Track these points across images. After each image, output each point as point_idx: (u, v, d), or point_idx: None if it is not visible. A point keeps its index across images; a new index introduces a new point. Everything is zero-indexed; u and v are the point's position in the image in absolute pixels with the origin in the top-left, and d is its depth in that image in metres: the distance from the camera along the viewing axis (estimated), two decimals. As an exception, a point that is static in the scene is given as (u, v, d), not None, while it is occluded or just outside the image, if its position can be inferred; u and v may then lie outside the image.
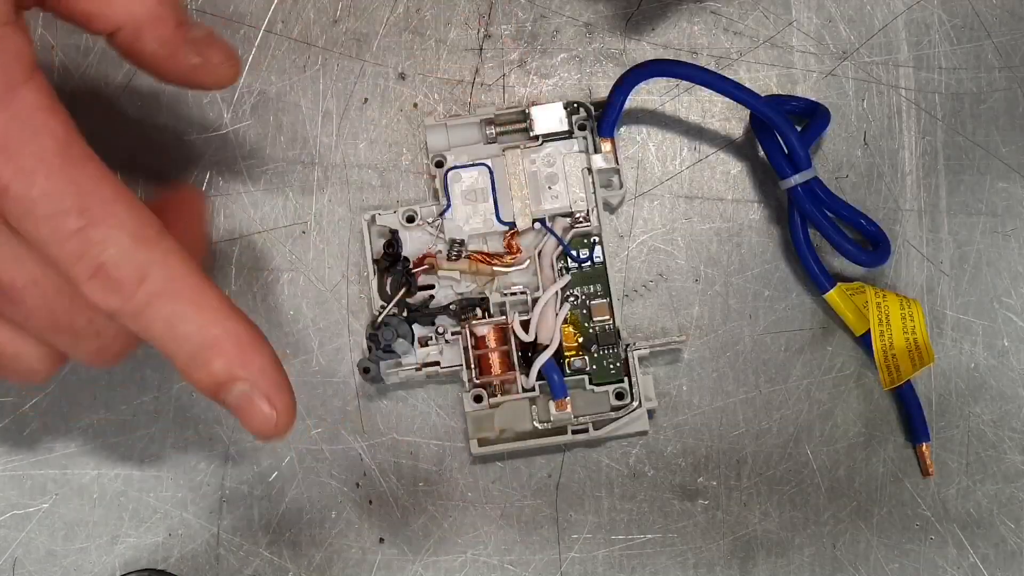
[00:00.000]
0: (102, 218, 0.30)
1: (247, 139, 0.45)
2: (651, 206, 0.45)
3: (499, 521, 0.43)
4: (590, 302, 0.43)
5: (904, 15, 0.46)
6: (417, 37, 0.46)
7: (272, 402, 0.32)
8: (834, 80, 0.45)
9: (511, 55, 0.46)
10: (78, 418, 0.43)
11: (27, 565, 0.42)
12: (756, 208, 0.45)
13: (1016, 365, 0.44)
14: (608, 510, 0.43)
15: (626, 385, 0.42)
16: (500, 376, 0.41)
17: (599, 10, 0.46)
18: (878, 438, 0.43)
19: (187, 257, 0.31)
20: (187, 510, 0.43)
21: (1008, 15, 0.46)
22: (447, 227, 0.43)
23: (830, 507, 0.43)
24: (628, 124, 0.45)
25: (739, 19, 0.46)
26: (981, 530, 0.42)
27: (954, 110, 0.45)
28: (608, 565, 0.42)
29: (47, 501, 0.43)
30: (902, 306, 0.42)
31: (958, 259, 0.44)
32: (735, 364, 0.44)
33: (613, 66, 0.45)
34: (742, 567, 0.42)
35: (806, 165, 0.42)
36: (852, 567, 0.42)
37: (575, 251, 0.43)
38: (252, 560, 0.42)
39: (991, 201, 0.45)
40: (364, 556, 0.42)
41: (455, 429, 0.43)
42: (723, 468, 0.43)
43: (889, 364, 0.42)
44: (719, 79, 0.42)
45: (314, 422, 0.43)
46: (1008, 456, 0.43)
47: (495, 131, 0.43)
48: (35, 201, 0.29)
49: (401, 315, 0.42)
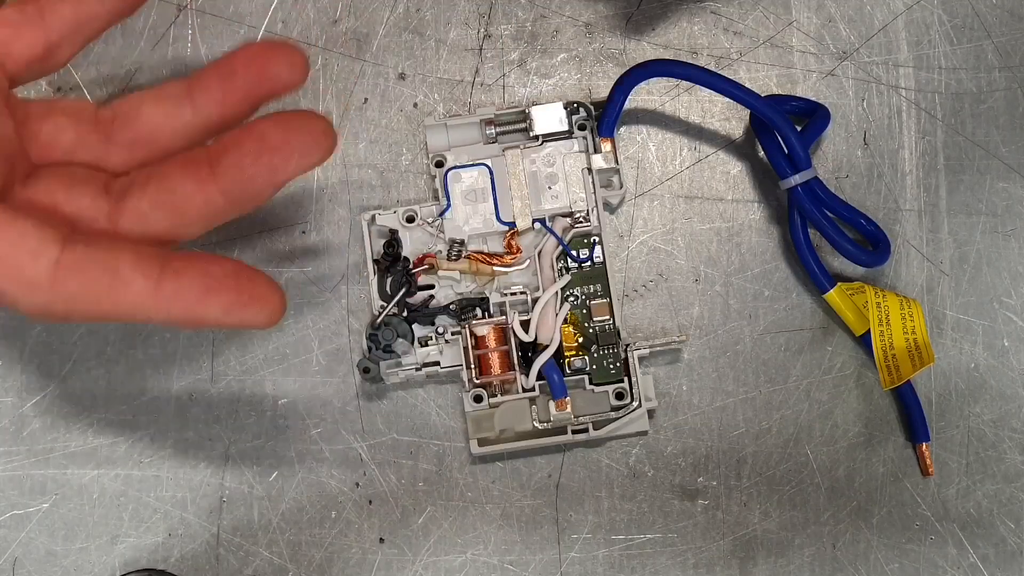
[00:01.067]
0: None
1: (247, 139, 0.45)
2: (651, 206, 0.45)
3: (499, 521, 0.43)
4: (590, 302, 0.43)
5: (904, 15, 0.46)
6: (417, 37, 0.46)
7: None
8: (834, 80, 0.45)
9: (511, 55, 0.46)
10: (78, 418, 0.43)
11: (27, 565, 0.42)
12: (756, 208, 0.45)
13: (1016, 365, 0.44)
14: (608, 510, 0.43)
15: (626, 385, 0.42)
16: (500, 376, 0.41)
17: (599, 10, 0.46)
18: (878, 438, 0.43)
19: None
20: (187, 510, 0.43)
21: (1008, 15, 0.46)
22: (447, 227, 0.43)
23: (830, 507, 0.43)
24: (628, 124, 0.45)
25: (739, 19, 0.46)
26: (981, 530, 0.42)
27: (954, 110, 0.45)
28: (608, 565, 0.42)
29: (47, 501, 0.43)
30: (902, 306, 0.42)
31: (958, 259, 0.44)
32: (735, 364, 0.44)
33: (613, 66, 0.45)
34: (742, 567, 0.42)
35: (806, 165, 0.42)
36: (852, 567, 0.42)
37: (575, 251, 0.43)
38: (252, 560, 0.42)
39: (991, 201, 0.45)
40: (364, 556, 0.42)
41: (455, 429, 0.43)
42: (723, 468, 0.43)
43: (889, 364, 0.42)
44: (719, 79, 0.42)
45: (314, 422, 0.43)
46: (1008, 456, 0.43)
47: (495, 131, 0.43)
48: None
49: (401, 315, 0.42)
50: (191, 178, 0.33)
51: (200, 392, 0.43)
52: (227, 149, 0.33)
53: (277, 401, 0.43)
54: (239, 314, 0.32)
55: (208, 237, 0.44)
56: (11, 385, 0.43)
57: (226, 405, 0.43)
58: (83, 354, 0.43)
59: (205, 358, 0.43)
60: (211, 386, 0.43)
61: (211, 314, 0.32)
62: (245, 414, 0.43)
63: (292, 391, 0.43)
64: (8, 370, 0.43)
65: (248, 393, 0.43)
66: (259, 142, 0.33)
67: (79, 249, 0.31)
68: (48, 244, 0.31)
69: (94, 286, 0.31)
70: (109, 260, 0.32)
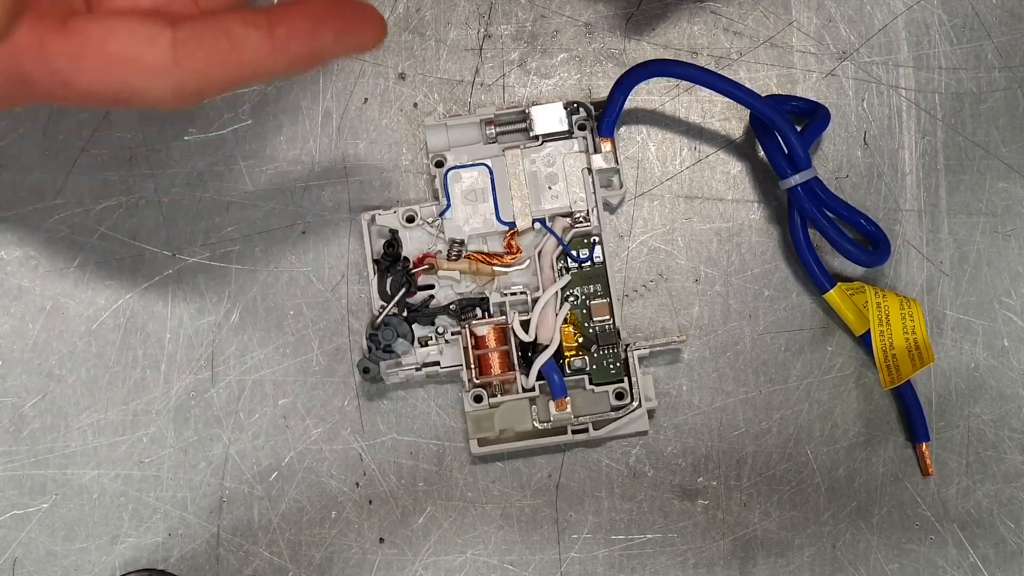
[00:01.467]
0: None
1: (247, 139, 0.45)
2: (651, 206, 0.45)
3: (499, 521, 0.43)
4: (590, 302, 0.43)
5: (904, 15, 0.46)
6: (417, 37, 0.46)
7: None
8: (834, 80, 0.45)
9: (511, 55, 0.46)
10: (78, 418, 0.43)
11: (27, 565, 0.42)
12: (756, 208, 0.45)
13: (1016, 365, 0.44)
14: (608, 510, 0.43)
15: (626, 385, 0.42)
16: (500, 376, 0.41)
17: (599, 10, 0.46)
18: (878, 438, 0.43)
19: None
20: (187, 510, 0.43)
21: (1008, 15, 0.46)
22: (447, 227, 0.43)
23: (830, 507, 0.43)
24: (628, 124, 0.45)
25: (739, 19, 0.46)
26: (981, 530, 0.42)
27: (954, 110, 0.45)
28: (608, 565, 0.42)
29: (47, 501, 0.43)
30: (902, 306, 0.42)
31: (958, 259, 0.44)
32: (735, 364, 0.44)
33: (613, 66, 0.45)
34: (742, 567, 0.42)
35: (806, 165, 0.42)
36: (852, 567, 0.42)
37: (575, 251, 0.43)
38: (252, 560, 0.42)
39: (991, 201, 0.45)
40: (364, 556, 0.42)
41: (455, 429, 0.43)
42: (723, 468, 0.43)
43: (889, 364, 0.42)
44: (719, 79, 0.42)
45: (314, 422, 0.43)
46: (1008, 456, 0.43)
47: (495, 131, 0.43)
48: None
49: (401, 315, 0.42)
50: (252, 28, 0.34)
51: (200, 392, 0.43)
52: (283, 20, 0.34)
53: (277, 401, 0.43)
54: (350, 38, 0.34)
55: (208, 237, 0.44)
56: (11, 385, 0.43)
57: (226, 405, 0.43)
58: (83, 354, 0.43)
59: (205, 358, 0.43)
60: (211, 386, 0.43)
61: (325, 45, 0.34)
62: (245, 414, 0.43)
63: (292, 391, 0.43)
64: (8, 370, 0.43)
65: (248, 393, 0.43)
66: (315, 22, 0.34)
67: (188, 26, 0.32)
68: (160, 28, 0.32)
69: (215, 52, 0.33)
70: (220, 26, 0.33)
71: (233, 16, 0.33)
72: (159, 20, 0.32)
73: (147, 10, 0.34)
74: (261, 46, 0.33)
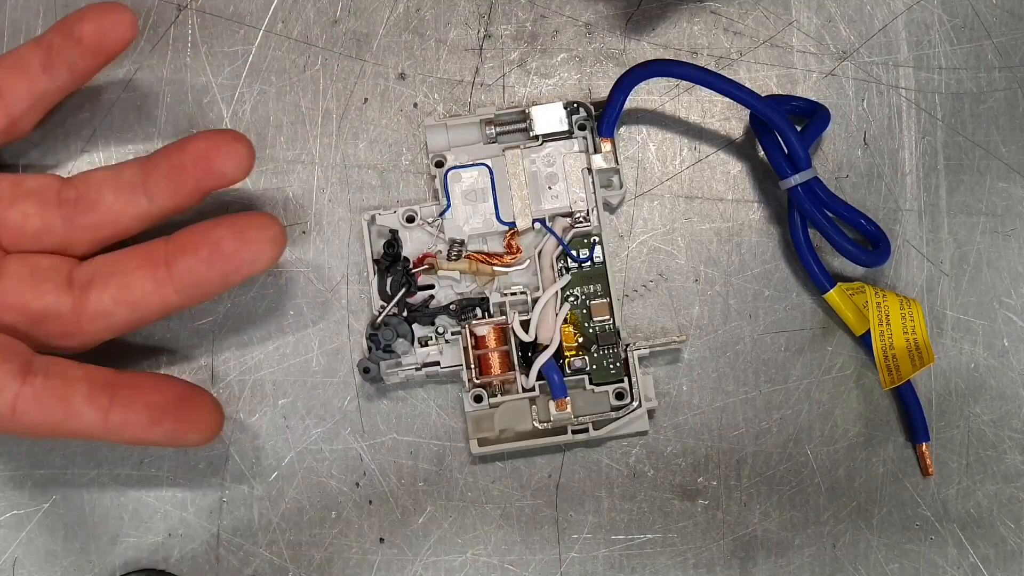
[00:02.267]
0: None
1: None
2: (651, 206, 0.45)
3: (499, 521, 0.43)
4: (590, 302, 0.43)
5: (904, 15, 0.46)
6: (417, 37, 0.46)
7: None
8: (834, 80, 0.45)
9: (511, 55, 0.46)
10: (78, 418, 0.43)
11: (27, 565, 0.42)
12: (756, 208, 0.45)
13: (1016, 365, 0.44)
14: (608, 510, 0.43)
15: (626, 385, 0.42)
16: (500, 376, 0.41)
17: (599, 10, 0.46)
18: (878, 438, 0.43)
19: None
20: (187, 510, 0.43)
21: (1008, 15, 0.46)
22: (447, 227, 0.43)
23: (830, 507, 0.43)
24: (628, 124, 0.45)
25: (739, 19, 0.46)
26: (981, 530, 0.42)
27: (954, 110, 0.45)
28: (608, 565, 0.42)
29: (47, 501, 0.43)
30: (902, 306, 0.42)
31: (958, 259, 0.44)
32: (735, 364, 0.44)
33: (613, 66, 0.45)
34: (742, 567, 0.42)
35: (806, 165, 0.42)
36: (852, 567, 0.42)
37: (575, 251, 0.43)
38: (252, 560, 0.42)
39: (991, 201, 0.45)
40: (364, 556, 0.42)
41: (455, 429, 0.43)
42: (723, 468, 0.43)
43: (889, 364, 0.42)
44: (719, 79, 0.42)
45: (314, 422, 0.43)
46: (1008, 456, 0.43)
47: (495, 131, 0.43)
48: None
49: (401, 315, 0.42)
50: (150, 278, 0.38)
51: (200, 392, 0.43)
52: (184, 250, 0.38)
53: (277, 401, 0.43)
54: (179, 439, 0.38)
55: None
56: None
57: (226, 405, 0.43)
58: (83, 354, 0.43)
59: (205, 358, 0.43)
60: (211, 386, 0.43)
61: (154, 439, 0.38)
62: (245, 414, 0.43)
63: (292, 391, 0.43)
64: (8, 370, 0.43)
65: (248, 393, 0.43)
66: (213, 249, 0.38)
67: (37, 383, 0.37)
68: (9, 380, 0.36)
69: (50, 417, 0.37)
70: (63, 393, 0.37)
71: (79, 388, 0.37)
72: (16, 366, 0.37)
73: (25, 310, 0.38)
74: (93, 424, 0.37)
